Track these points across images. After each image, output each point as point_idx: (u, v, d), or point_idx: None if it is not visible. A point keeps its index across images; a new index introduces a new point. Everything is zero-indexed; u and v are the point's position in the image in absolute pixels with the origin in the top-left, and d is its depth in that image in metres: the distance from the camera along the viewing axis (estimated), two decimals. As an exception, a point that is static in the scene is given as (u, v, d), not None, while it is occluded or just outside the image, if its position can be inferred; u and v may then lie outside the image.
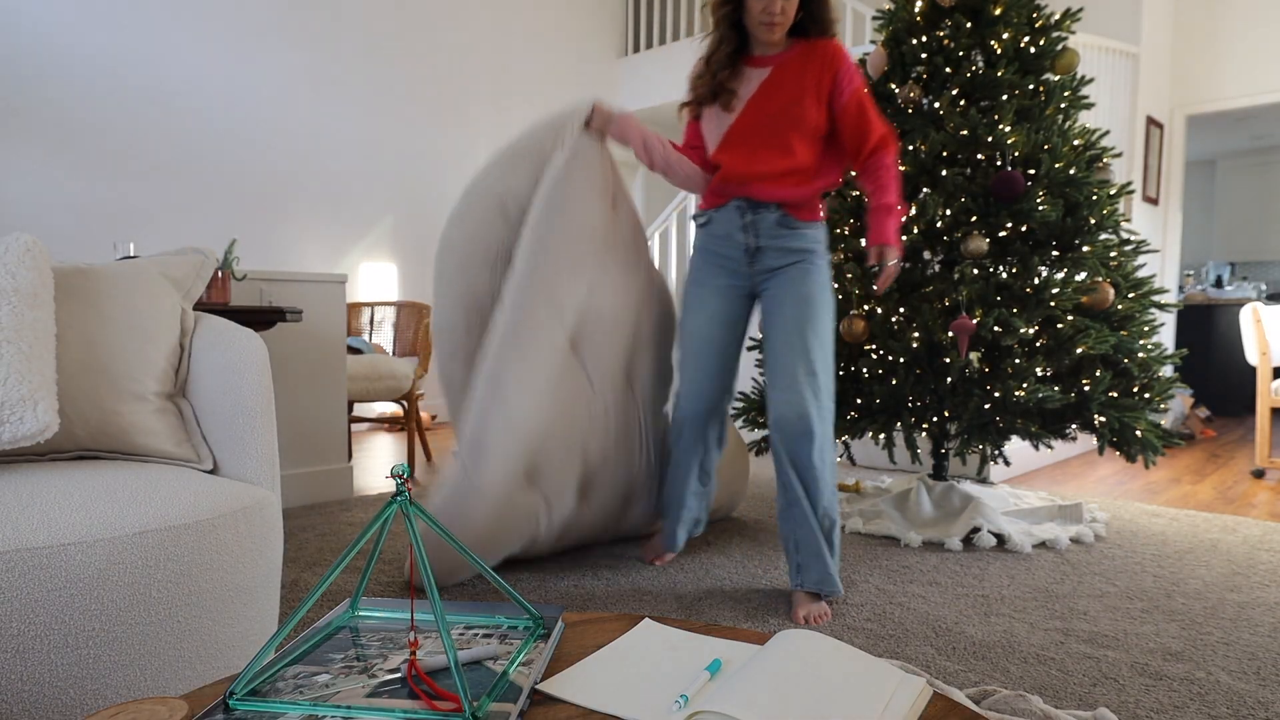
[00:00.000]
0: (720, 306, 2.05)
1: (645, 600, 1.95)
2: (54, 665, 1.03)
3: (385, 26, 5.20)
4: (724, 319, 2.06)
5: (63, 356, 1.33)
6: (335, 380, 3.08)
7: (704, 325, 2.06)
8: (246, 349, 1.46)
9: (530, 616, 0.91)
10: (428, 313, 3.89)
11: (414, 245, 5.45)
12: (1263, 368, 3.72)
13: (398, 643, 0.84)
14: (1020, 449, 3.71)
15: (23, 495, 1.10)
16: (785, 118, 1.91)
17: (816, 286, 1.93)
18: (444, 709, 0.69)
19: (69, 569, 1.03)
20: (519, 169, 2.09)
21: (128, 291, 1.46)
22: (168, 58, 4.25)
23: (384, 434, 5.02)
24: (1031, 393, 2.37)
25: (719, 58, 1.94)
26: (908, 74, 2.75)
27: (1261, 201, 8.38)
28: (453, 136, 5.63)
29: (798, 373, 1.87)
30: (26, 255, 1.30)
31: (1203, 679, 1.56)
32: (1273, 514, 3.00)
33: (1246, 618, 1.89)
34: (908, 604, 1.95)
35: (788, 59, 1.93)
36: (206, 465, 1.41)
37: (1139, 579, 2.17)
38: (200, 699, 0.75)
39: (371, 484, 3.40)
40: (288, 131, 4.75)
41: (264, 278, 2.89)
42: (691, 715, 0.71)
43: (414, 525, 0.76)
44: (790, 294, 1.93)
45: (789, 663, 0.79)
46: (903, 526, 2.60)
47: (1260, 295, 6.68)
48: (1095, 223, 2.52)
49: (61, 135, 3.90)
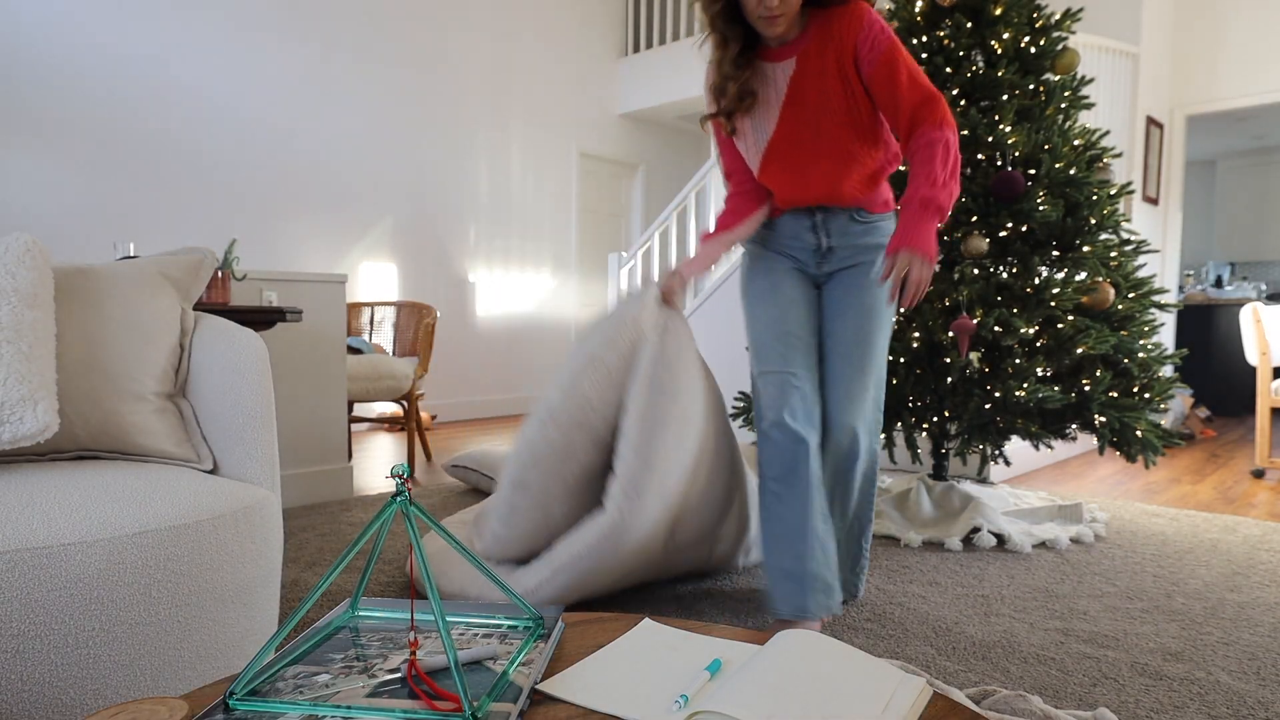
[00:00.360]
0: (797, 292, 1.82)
1: (645, 600, 1.95)
2: (54, 665, 1.03)
3: (386, 26, 5.20)
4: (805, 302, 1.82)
5: (63, 356, 1.33)
6: (335, 380, 3.08)
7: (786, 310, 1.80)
8: (246, 349, 1.46)
9: (530, 616, 0.91)
10: (428, 313, 3.89)
11: (414, 245, 5.45)
12: (1263, 368, 3.72)
13: (398, 643, 0.84)
14: (1020, 449, 3.71)
15: (23, 495, 1.10)
16: (828, 116, 1.65)
17: (880, 297, 1.77)
18: (444, 709, 0.69)
19: (69, 569, 1.03)
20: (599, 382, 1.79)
21: (128, 291, 1.46)
22: (169, 58, 4.25)
23: (384, 434, 5.02)
24: (1032, 393, 2.37)
25: (728, 61, 1.67)
26: (908, 74, 2.74)
27: (1261, 201, 8.38)
28: (453, 136, 5.63)
29: (853, 388, 1.75)
30: (26, 255, 1.30)
31: (1203, 679, 1.55)
32: (1273, 514, 3.00)
33: (1246, 618, 1.89)
34: (908, 604, 1.95)
35: (808, 43, 1.65)
36: (206, 465, 1.41)
37: (1139, 579, 2.17)
38: (200, 699, 0.75)
39: (371, 484, 3.40)
40: (288, 131, 4.75)
41: (264, 278, 2.89)
42: (691, 715, 0.71)
43: (414, 525, 0.76)
44: (854, 303, 1.76)
45: (789, 663, 0.79)
46: (903, 526, 2.60)
47: (1260, 295, 6.68)
48: (1095, 223, 2.52)
49: (61, 135, 3.90)
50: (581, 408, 1.77)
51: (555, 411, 1.79)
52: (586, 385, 1.77)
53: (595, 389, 1.78)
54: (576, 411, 1.77)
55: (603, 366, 1.78)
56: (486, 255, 5.92)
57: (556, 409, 1.79)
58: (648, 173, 7.20)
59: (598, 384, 1.78)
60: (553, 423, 1.78)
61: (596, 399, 1.78)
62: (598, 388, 1.78)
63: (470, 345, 5.84)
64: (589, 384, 1.78)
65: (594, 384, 1.78)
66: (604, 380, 1.78)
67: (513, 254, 6.11)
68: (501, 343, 6.07)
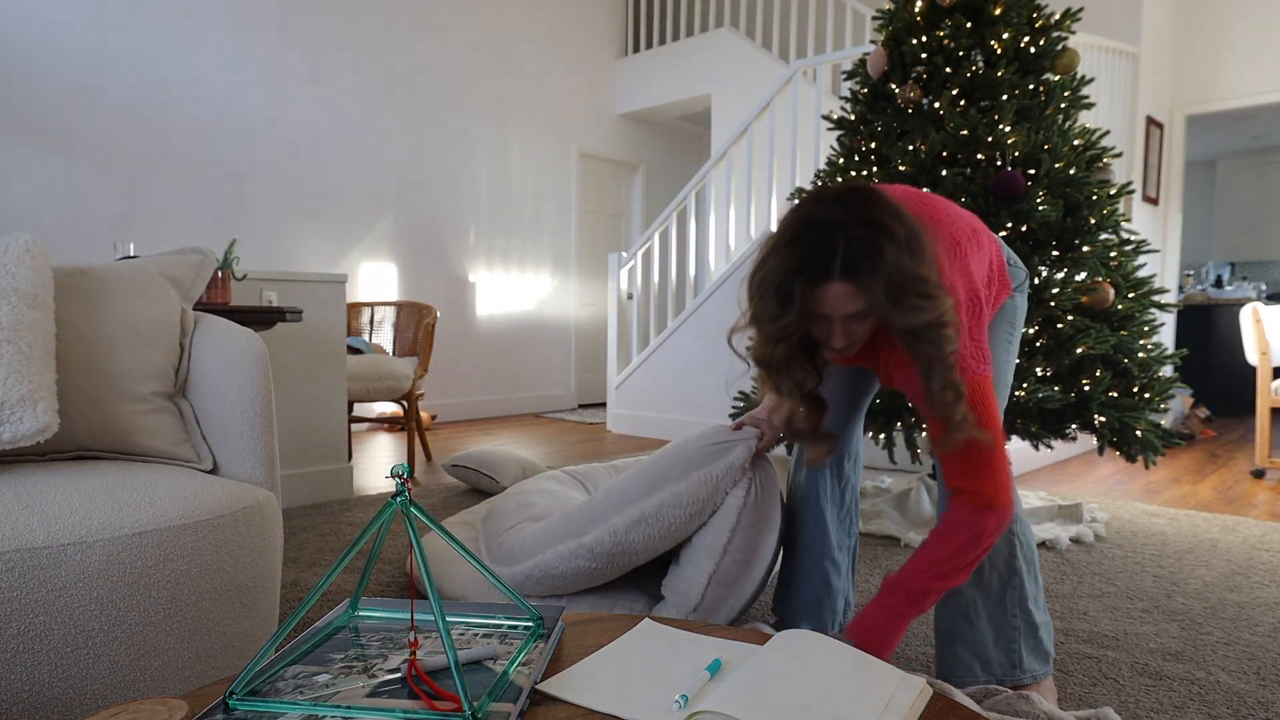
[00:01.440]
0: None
1: (645, 600, 1.95)
2: (54, 665, 1.03)
3: (385, 26, 5.20)
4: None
5: (63, 356, 1.33)
6: (335, 380, 3.08)
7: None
8: (246, 349, 1.45)
9: (530, 616, 0.91)
10: (428, 313, 3.89)
11: (414, 245, 5.45)
12: (1263, 368, 3.72)
13: (398, 643, 0.84)
14: (1020, 449, 3.71)
15: (23, 495, 1.10)
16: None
17: None
18: (444, 709, 0.69)
19: (69, 569, 1.03)
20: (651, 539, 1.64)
21: (128, 291, 1.45)
22: (168, 58, 4.25)
23: (384, 434, 5.02)
24: (1031, 393, 2.37)
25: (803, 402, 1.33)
26: (908, 74, 2.75)
27: (1261, 201, 8.38)
28: (453, 136, 5.63)
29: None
30: (26, 255, 1.30)
31: (1203, 679, 1.55)
32: (1273, 514, 3.00)
33: (1246, 618, 1.89)
34: (908, 604, 1.95)
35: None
36: (206, 465, 1.41)
37: (1139, 579, 2.17)
38: (200, 699, 0.75)
39: (371, 484, 3.40)
40: (288, 131, 4.75)
41: (264, 278, 2.89)
42: (691, 715, 0.71)
43: (414, 525, 0.76)
44: None
45: (789, 663, 0.79)
46: (903, 526, 2.60)
47: (1260, 295, 6.68)
48: (1095, 223, 2.52)
49: (61, 135, 3.90)
50: (626, 554, 1.65)
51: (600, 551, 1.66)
52: (637, 537, 1.63)
53: (645, 542, 1.64)
54: (620, 557, 1.65)
55: (662, 524, 1.63)
56: (486, 255, 5.92)
57: (601, 549, 1.65)
58: (648, 173, 7.20)
59: (650, 537, 1.63)
60: (596, 556, 1.66)
61: (644, 550, 1.65)
62: (650, 541, 1.64)
63: (470, 345, 5.84)
64: (639, 536, 1.63)
65: (646, 537, 1.63)
66: (660, 534, 1.63)
67: (513, 254, 6.11)
68: (501, 343, 6.07)
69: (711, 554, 1.61)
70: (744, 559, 1.62)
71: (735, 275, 4.59)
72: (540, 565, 1.72)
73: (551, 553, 1.71)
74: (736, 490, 1.62)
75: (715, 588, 1.62)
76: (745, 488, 1.61)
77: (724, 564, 1.61)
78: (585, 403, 6.84)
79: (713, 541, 1.62)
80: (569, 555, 1.68)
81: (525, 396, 6.26)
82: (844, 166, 2.82)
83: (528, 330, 6.27)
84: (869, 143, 2.79)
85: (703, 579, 1.62)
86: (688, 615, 1.63)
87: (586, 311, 6.81)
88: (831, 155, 2.90)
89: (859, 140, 2.83)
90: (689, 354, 4.83)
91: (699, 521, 1.63)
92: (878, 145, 2.76)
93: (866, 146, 2.79)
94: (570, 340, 6.63)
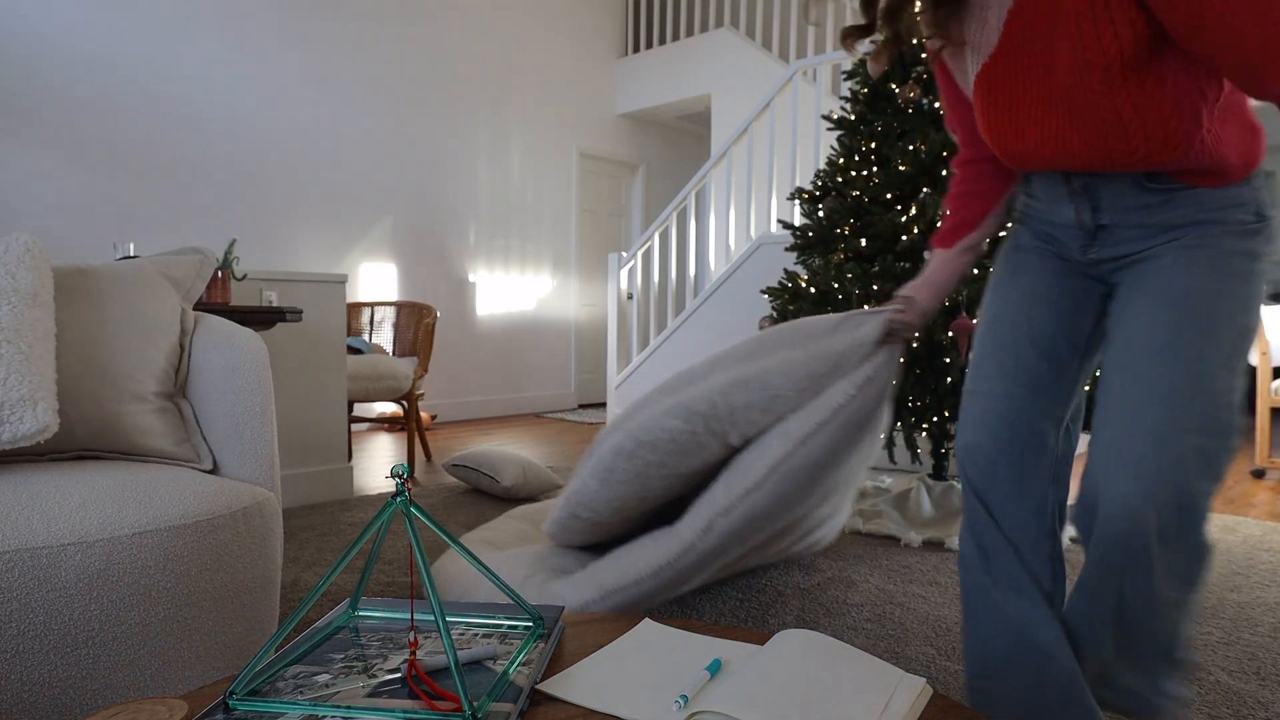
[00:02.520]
0: (1045, 286, 1.17)
1: (645, 600, 1.95)
2: (54, 665, 1.03)
3: (385, 26, 5.20)
4: (1050, 300, 1.16)
5: (63, 356, 1.33)
6: (335, 380, 3.08)
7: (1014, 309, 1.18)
8: (246, 349, 1.46)
9: (530, 616, 0.91)
10: (428, 313, 3.90)
11: (414, 245, 5.46)
12: (1263, 368, 3.71)
13: (398, 643, 0.84)
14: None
15: (23, 495, 1.10)
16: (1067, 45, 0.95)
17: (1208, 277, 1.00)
18: (444, 709, 0.69)
19: (69, 569, 1.03)
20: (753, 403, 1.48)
21: (128, 291, 1.46)
22: (168, 58, 4.25)
23: (384, 434, 5.02)
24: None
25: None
26: (908, 74, 2.75)
27: (1261, 201, 8.37)
28: (453, 136, 5.63)
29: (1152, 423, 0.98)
30: (26, 255, 1.30)
31: (1203, 679, 1.55)
32: (1273, 514, 3.00)
33: (1246, 618, 1.89)
34: (908, 604, 1.95)
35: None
36: (206, 465, 1.41)
37: (1139, 579, 2.17)
38: (200, 699, 0.75)
39: (371, 484, 3.40)
40: (288, 131, 4.75)
41: (264, 278, 2.89)
42: (691, 715, 0.71)
43: (414, 525, 0.76)
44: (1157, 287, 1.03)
45: (789, 663, 0.79)
46: (902, 526, 2.60)
47: (1260, 295, 6.68)
48: (1095, 223, 2.52)
49: (61, 135, 3.90)
50: (723, 419, 1.50)
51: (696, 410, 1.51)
52: (738, 399, 1.47)
53: (746, 410, 1.47)
54: (715, 422, 1.50)
55: (767, 391, 1.46)
56: (486, 255, 5.92)
57: (698, 407, 1.50)
58: (648, 173, 7.20)
59: (752, 404, 1.47)
60: (691, 417, 1.51)
61: (743, 420, 1.49)
62: (751, 409, 1.47)
63: (470, 345, 5.85)
64: (741, 399, 1.47)
65: (748, 403, 1.47)
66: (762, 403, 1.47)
67: (513, 254, 6.11)
68: (501, 343, 6.07)
69: (787, 439, 1.40)
70: (822, 460, 1.39)
71: (735, 275, 4.59)
72: (630, 434, 1.53)
73: (646, 413, 1.52)
74: (855, 375, 1.39)
75: (778, 480, 1.39)
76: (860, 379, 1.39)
77: (796, 456, 1.38)
78: (585, 403, 6.85)
79: (796, 428, 1.40)
80: (662, 414, 1.50)
81: (525, 397, 6.26)
82: (844, 166, 2.82)
83: (528, 330, 6.27)
84: (869, 142, 2.79)
85: (765, 465, 1.40)
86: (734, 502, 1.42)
87: (586, 311, 6.81)
88: (831, 155, 2.90)
89: (859, 140, 2.83)
90: (689, 354, 4.83)
91: (808, 399, 1.42)
92: (878, 145, 2.76)
93: (866, 146, 2.79)
94: (570, 340, 6.64)
